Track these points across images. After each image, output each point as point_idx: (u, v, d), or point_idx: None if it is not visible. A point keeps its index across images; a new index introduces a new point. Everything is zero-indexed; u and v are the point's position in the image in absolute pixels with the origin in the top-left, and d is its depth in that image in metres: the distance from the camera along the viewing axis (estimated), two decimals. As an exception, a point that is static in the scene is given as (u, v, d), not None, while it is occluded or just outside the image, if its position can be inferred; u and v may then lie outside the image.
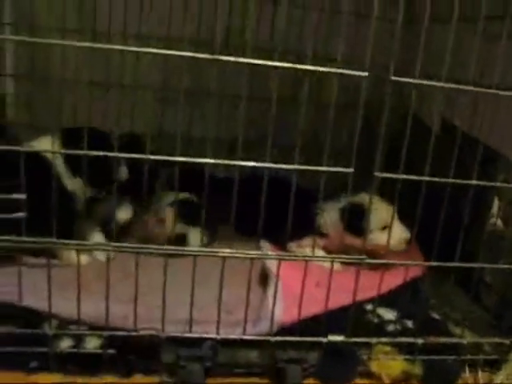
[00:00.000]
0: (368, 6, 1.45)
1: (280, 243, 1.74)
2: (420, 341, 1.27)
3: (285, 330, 1.30)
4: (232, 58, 1.06)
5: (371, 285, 1.36)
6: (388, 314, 1.47)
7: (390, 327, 1.42)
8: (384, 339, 1.30)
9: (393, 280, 1.53)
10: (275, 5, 2.03)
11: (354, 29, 1.39)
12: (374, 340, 1.27)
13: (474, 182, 1.24)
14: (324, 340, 1.25)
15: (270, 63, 1.05)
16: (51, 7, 1.98)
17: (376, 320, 1.37)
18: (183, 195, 1.79)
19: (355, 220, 1.63)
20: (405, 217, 1.60)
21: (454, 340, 1.34)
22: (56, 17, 1.99)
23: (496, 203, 1.59)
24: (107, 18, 1.88)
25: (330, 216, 1.83)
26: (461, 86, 1.14)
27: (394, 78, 1.11)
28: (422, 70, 1.13)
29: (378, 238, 1.68)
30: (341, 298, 1.39)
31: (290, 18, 1.99)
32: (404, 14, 1.10)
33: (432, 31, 1.15)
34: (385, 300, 1.44)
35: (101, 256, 1.48)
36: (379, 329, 1.39)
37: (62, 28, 1.92)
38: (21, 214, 1.11)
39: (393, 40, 1.13)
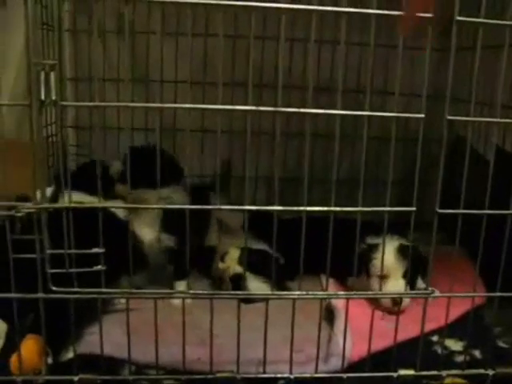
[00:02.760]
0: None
1: (340, 279, 1.76)
2: (491, 372, 1.28)
3: (355, 365, 1.33)
4: (291, 110, 1.11)
5: (435, 315, 1.38)
6: (455, 345, 1.47)
7: (459, 358, 1.41)
8: (454, 371, 1.31)
9: (457, 309, 1.53)
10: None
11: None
12: (444, 373, 1.28)
13: (535, 212, 1.25)
14: (395, 375, 1.27)
15: (333, 112, 1.09)
16: (107, 59, 2.08)
17: (443, 351, 1.37)
18: (259, 246, 1.80)
19: (365, 261, 1.65)
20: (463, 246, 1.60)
21: (525, 369, 1.34)
22: (111, 68, 2.09)
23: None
24: (159, 66, 1.97)
25: None
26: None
27: (450, 117, 1.14)
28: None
29: (374, 285, 1.65)
30: (407, 331, 1.40)
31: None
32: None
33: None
34: (450, 330, 1.44)
35: (176, 302, 1.52)
36: (447, 360, 1.39)
37: (116, 78, 2.05)
38: (100, 267, 1.17)
39: (445, 76, 1.17)
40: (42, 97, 1.05)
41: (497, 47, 1.30)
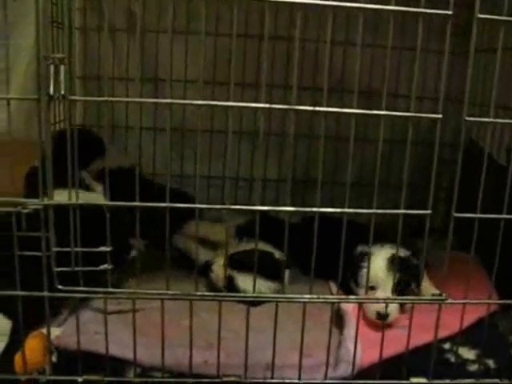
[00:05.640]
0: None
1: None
2: (506, 382, 1.25)
3: (364, 372, 1.30)
4: (304, 108, 1.08)
5: (448, 322, 1.34)
6: (467, 353, 1.44)
7: (472, 367, 1.38)
8: (468, 381, 1.27)
9: (469, 317, 1.50)
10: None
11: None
12: (457, 382, 1.25)
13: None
14: (407, 383, 1.23)
15: (348, 110, 1.07)
16: (116, 57, 2.07)
17: (456, 360, 1.33)
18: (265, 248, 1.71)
19: (355, 269, 1.59)
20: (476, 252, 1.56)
21: (542, 381, 1.30)
22: (120, 66, 2.07)
23: None
24: (168, 65, 1.95)
25: None
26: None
27: (468, 118, 1.12)
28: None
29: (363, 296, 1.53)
30: (418, 338, 1.37)
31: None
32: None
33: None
34: (463, 338, 1.41)
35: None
36: (460, 369, 1.35)
37: (125, 77, 2.04)
38: (106, 266, 1.15)
39: (457, 78, 1.14)
40: (51, 91, 1.03)
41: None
